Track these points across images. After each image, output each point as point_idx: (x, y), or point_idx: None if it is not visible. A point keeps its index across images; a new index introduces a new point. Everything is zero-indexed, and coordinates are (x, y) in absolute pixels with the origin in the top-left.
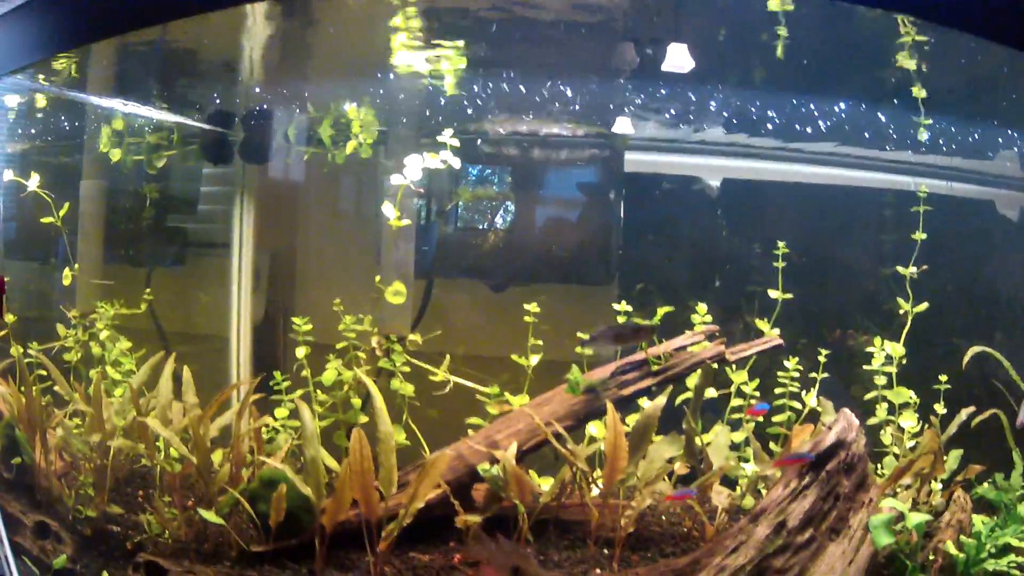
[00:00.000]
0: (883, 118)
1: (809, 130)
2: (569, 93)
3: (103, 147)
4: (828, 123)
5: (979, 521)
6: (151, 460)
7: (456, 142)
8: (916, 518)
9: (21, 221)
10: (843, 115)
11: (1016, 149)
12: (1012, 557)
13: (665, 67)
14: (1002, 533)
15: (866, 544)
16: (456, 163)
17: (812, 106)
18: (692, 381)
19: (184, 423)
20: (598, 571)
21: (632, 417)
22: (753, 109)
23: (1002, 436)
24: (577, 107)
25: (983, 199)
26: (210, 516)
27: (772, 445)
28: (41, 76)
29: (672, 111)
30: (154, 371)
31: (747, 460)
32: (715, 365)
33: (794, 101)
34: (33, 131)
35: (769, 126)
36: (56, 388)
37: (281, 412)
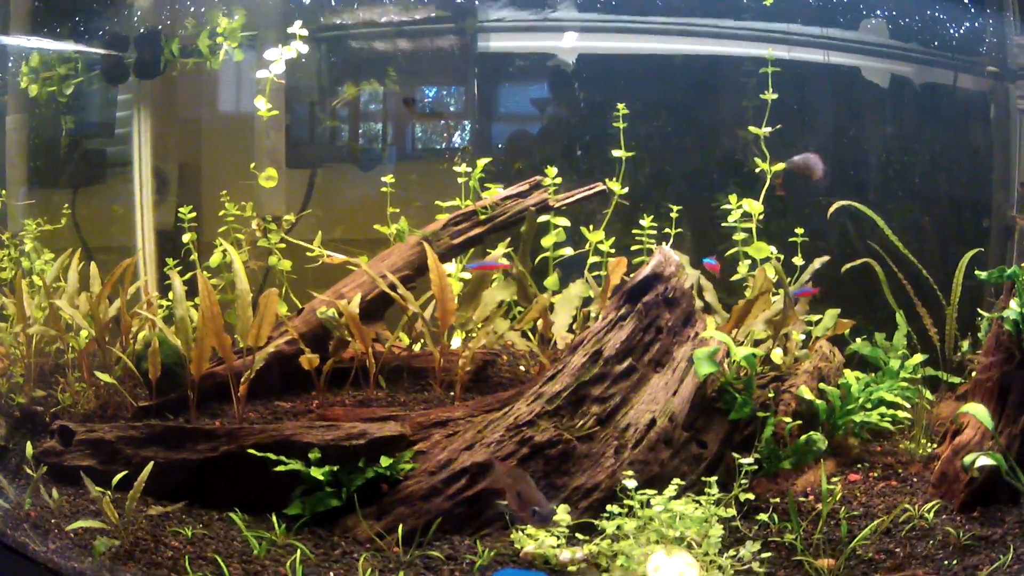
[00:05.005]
0: None
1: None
2: None
3: (23, 84)
4: None
5: (852, 376)
6: (63, 340)
7: (305, 32)
8: (742, 351)
9: None
10: None
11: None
12: (884, 410)
13: None
14: (877, 388)
15: (691, 376)
16: (304, 49)
17: None
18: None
19: (87, 308)
20: (440, 409)
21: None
22: None
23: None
24: None
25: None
26: (104, 376)
27: None
28: None
29: None
30: (64, 269)
31: None
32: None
33: None
34: None
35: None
36: None
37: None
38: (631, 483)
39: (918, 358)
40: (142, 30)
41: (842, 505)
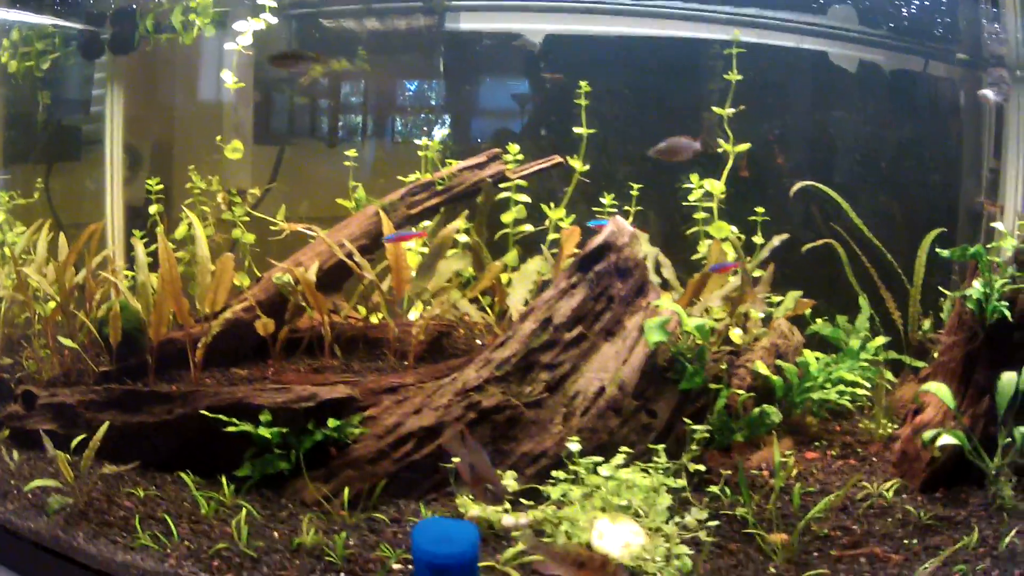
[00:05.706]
0: None
1: None
2: None
3: (3, 58)
4: None
5: (812, 356)
6: (30, 309)
7: (274, 3)
8: (694, 321)
9: None
10: None
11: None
12: (842, 387)
13: None
14: (837, 368)
15: (641, 345)
16: (273, 20)
17: None
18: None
19: (54, 277)
20: (391, 375)
21: None
22: None
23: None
24: None
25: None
26: (67, 342)
27: None
28: None
29: None
30: (34, 241)
31: None
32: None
33: None
34: None
35: None
36: None
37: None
38: (575, 447)
39: (880, 340)
40: (116, 5)
41: (797, 481)
